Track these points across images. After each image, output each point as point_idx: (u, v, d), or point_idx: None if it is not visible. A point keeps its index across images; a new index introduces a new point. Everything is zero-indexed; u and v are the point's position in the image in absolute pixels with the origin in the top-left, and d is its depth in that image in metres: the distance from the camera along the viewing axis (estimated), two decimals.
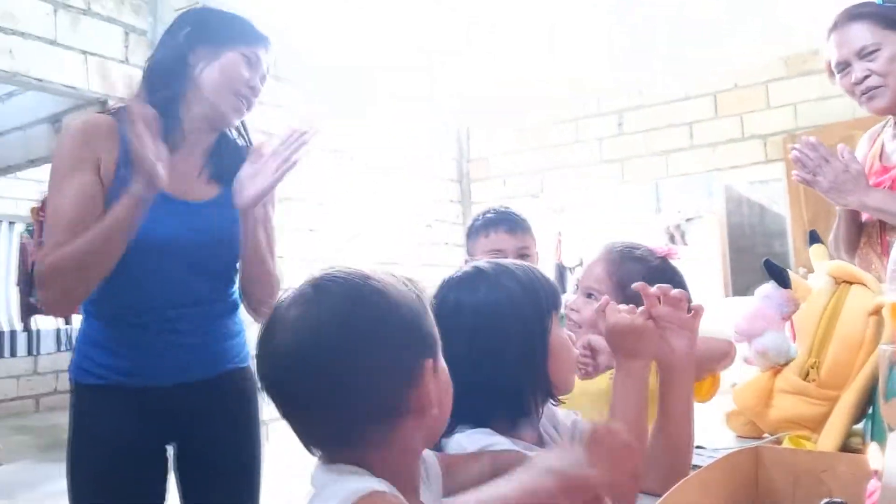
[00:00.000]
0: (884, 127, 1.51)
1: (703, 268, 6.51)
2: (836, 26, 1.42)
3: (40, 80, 3.33)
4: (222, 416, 1.25)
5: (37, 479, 3.74)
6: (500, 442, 0.81)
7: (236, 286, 1.34)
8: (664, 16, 4.31)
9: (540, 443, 0.90)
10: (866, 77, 1.38)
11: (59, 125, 3.87)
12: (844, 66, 1.41)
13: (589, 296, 1.21)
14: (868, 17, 1.37)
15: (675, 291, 0.86)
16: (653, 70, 5.19)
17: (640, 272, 1.19)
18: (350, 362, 0.60)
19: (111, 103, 3.59)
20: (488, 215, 1.79)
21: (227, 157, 1.33)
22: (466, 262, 1.87)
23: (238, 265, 1.30)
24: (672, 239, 6.89)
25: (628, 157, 5.40)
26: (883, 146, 1.49)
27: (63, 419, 5.35)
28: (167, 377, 1.20)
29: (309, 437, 0.65)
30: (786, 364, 1.03)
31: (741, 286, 6.29)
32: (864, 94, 1.40)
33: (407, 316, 0.64)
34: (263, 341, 0.64)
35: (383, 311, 0.62)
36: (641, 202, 7.00)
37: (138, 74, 3.87)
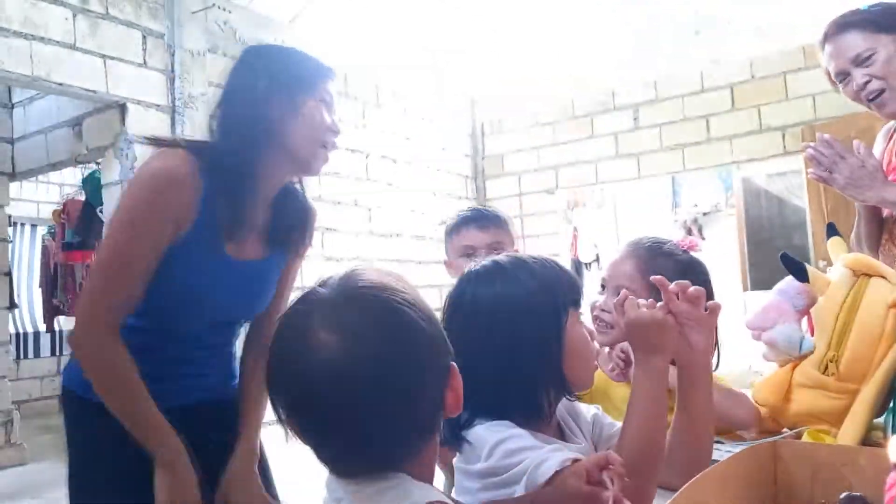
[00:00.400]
0: None
1: (721, 262, 6.47)
2: (827, 38, 1.42)
3: (60, 85, 3.38)
4: (225, 434, 1.23)
5: (62, 478, 3.81)
6: (519, 434, 0.81)
7: None
8: (679, 5, 4.28)
9: (560, 435, 0.90)
10: (867, 83, 1.38)
11: (80, 128, 3.93)
12: (844, 75, 1.42)
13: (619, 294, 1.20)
14: (857, 25, 1.38)
15: (693, 288, 0.86)
16: (668, 62, 5.15)
17: (672, 267, 1.19)
18: (400, 373, 0.60)
19: (129, 106, 3.64)
20: (460, 214, 1.80)
21: (288, 216, 1.29)
22: (444, 262, 1.85)
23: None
24: (689, 233, 6.84)
25: (644, 151, 5.37)
26: None
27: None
28: (174, 400, 1.18)
29: (354, 458, 0.62)
30: (803, 358, 1.03)
31: (759, 280, 6.24)
32: (870, 99, 1.40)
33: (434, 321, 0.65)
34: (299, 365, 0.60)
35: (420, 319, 0.63)
36: (658, 197, 6.95)
37: (156, 77, 3.90)
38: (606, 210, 7.13)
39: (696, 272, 1.18)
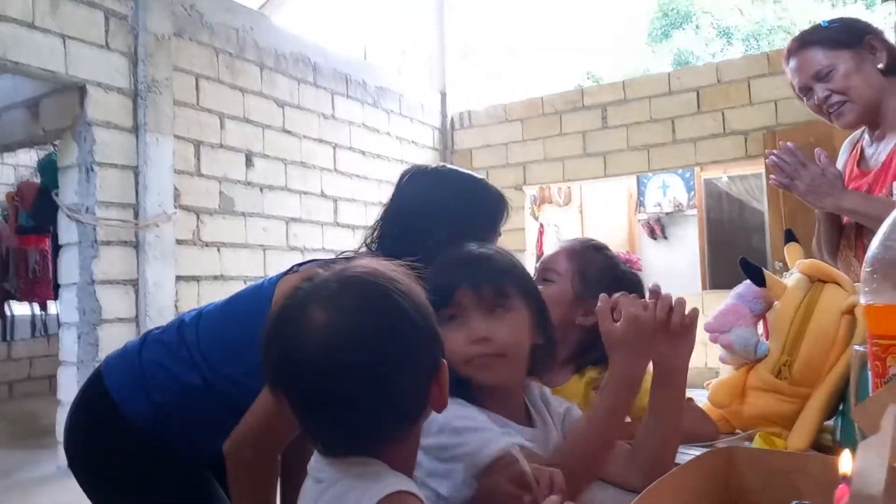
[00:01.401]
0: (862, 133, 1.54)
1: (682, 261, 6.60)
2: (790, 54, 1.48)
3: (17, 64, 3.26)
4: None
5: (11, 466, 3.70)
6: (469, 415, 0.81)
7: None
8: (649, 7, 4.33)
9: (528, 420, 0.90)
10: (828, 97, 1.43)
11: (37, 109, 3.80)
12: (806, 90, 1.48)
13: (545, 281, 1.17)
14: (818, 42, 1.44)
15: (678, 297, 0.84)
16: (637, 64, 5.22)
17: (602, 261, 1.20)
18: (383, 358, 0.62)
19: (89, 88, 3.54)
20: None
21: None
22: None
23: None
24: (652, 232, 6.95)
25: (610, 150, 5.43)
26: (862, 151, 1.52)
27: (36, 405, 5.27)
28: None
29: (336, 436, 0.65)
30: (758, 361, 1.05)
31: (719, 280, 6.37)
32: (830, 112, 1.46)
33: (427, 314, 0.66)
34: (293, 343, 0.62)
35: (411, 309, 0.64)
36: (623, 196, 7.04)
37: (119, 60, 3.80)
38: (573, 208, 7.20)
39: (627, 275, 1.19)
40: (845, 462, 0.51)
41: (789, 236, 1.18)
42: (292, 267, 1.21)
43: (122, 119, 3.69)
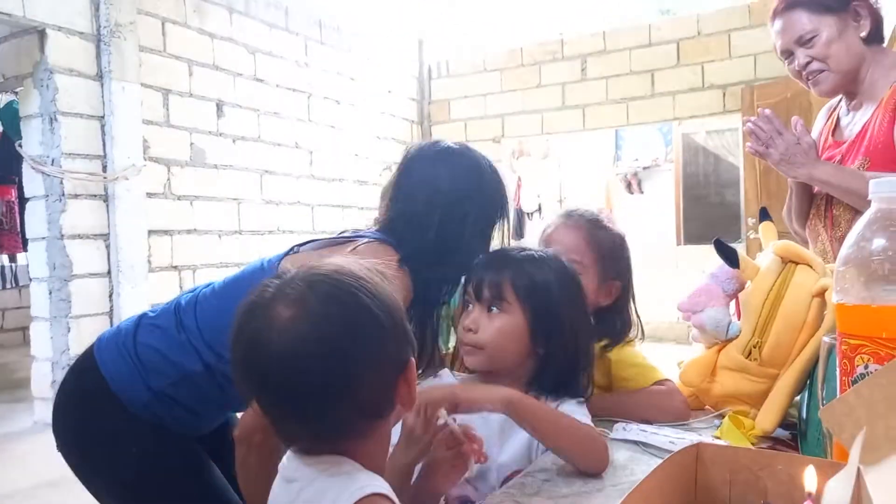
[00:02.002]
0: (839, 101, 1.53)
1: (658, 216, 6.64)
2: (776, 14, 1.46)
3: None
4: None
5: None
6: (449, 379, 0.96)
7: None
8: None
9: None
10: (808, 63, 1.42)
11: None
12: (788, 54, 1.46)
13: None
14: (804, 5, 1.41)
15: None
16: (617, 13, 5.12)
17: (613, 239, 1.24)
18: (344, 355, 0.62)
19: (49, 32, 3.38)
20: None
21: None
22: None
23: None
24: (629, 186, 6.97)
25: (589, 103, 5.38)
26: (837, 121, 1.52)
27: (9, 357, 5.22)
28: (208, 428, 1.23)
29: (303, 432, 0.65)
30: (729, 341, 1.07)
31: (693, 234, 6.45)
32: (808, 79, 1.44)
33: (395, 312, 0.66)
34: (258, 340, 0.63)
35: (376, 307, 0.64)
36: (601, 149, 7.02)
37: (80, 1, 3.60)
38: (550, 161, 7.17)
39: (625, 247, 1.26)
40: (810, 480, 0.52)
41: (764, 215, 1.19)
42: (292, 248, 1.19)
43: (86, 65, 3.54)
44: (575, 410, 0.95)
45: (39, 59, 3.40)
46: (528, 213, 6.91)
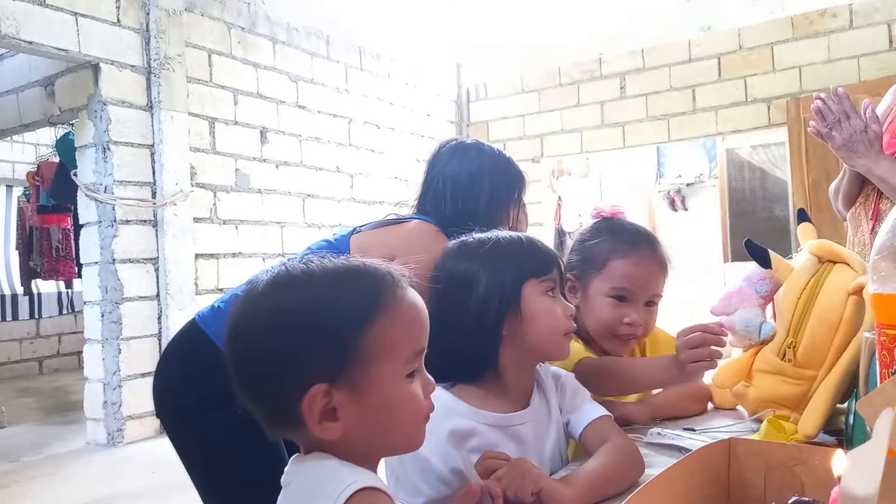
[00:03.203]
0: None
1: (703, 233, 6.50)
2: None
3: (30, 43, 3.27)
4: None
5: (41, 441, 3.81)
6: (459, 409, 0.89)
7: None
8: None
9: (524, 402, 0.95)
10: None
11: (52, 88, 3.82)
12: None
13: (653, 304, 1.24)
14: None
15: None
16: (656, 31, 5.09)
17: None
18: (266, 358, 0.62)
19: (103, 66, 3.54)
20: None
21: None
22: None
23: None
24: (672, 203, 6.85)
25: (629, 121, 5.33)
26: None
27: (65, 380, 5.41)
28: None
29: (263, 422, 0.65)
30: (764, 343, 1.03)
31: (740, 251, 6.27)
32: None
33: (340, 325, 0.62)
34: (236, 324, 0.65)
35: (317, 312, 0.62)
36: (642, 167, 6.93)
37: (131, 36, 3.79)
38: (591, 179, 7.11)
39: None
40: (839, 463, 0.50)
41: (802, 216, 1.15)
42: (355, 228, 1.48)
43: (136, 97, 3.70)
44: (593, 409, 0.96)
45: (93, 92, 3.57)
46: (569, 233, 6.85)
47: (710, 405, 1.24)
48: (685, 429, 1.07)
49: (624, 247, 1.22)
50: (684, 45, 5.13)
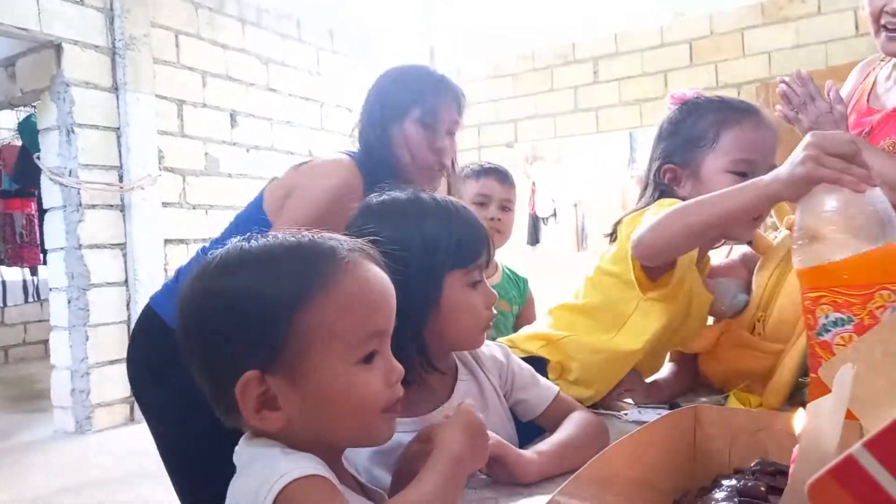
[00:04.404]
0: (882, 63, 1.44)
1: None
2: None
3: None
4: None
5: (7, 429, 3.74)
6: None
7: None
8: None
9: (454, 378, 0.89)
10: (894, 13, 1.29)
11: (13, 69, 3.71)
12: None
13: None
14: None
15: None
16: (629, 15, 5.10)
17: None
18: (204, 340, 0.61)
19: (65, 46, 3.44)
20: (480, 164, 1.88)
21: None
22: None
23: None
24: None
25: (602, 106, 5.36)
26: (874, 85, 1.43)
27: (32, 369, 5.30)
28: None
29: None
30: (735, 314, 1.04)
31: None
32: (885, 27, 1.32)
33: (260, 320, 0.58)
34: (179, 308, 0.63)
35: (241, 301, 0.59)
36: (615, 152, 6.97)
37: (94, 16, 3.69)
38: (565, 165, 7.13)
39: None
40: (799, 422, 0.50)
41: None
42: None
43: (101, 78, 3.61)
44: (548, 387, 0.93)
45: (56, 73, 3.47)
46: (543, 219, 6.87)
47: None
48: (671, 405, 1.06)
49: (736, 114, 1.08)
50: (657, 30, 5.16)
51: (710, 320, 1.13)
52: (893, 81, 1.42)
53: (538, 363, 1.02)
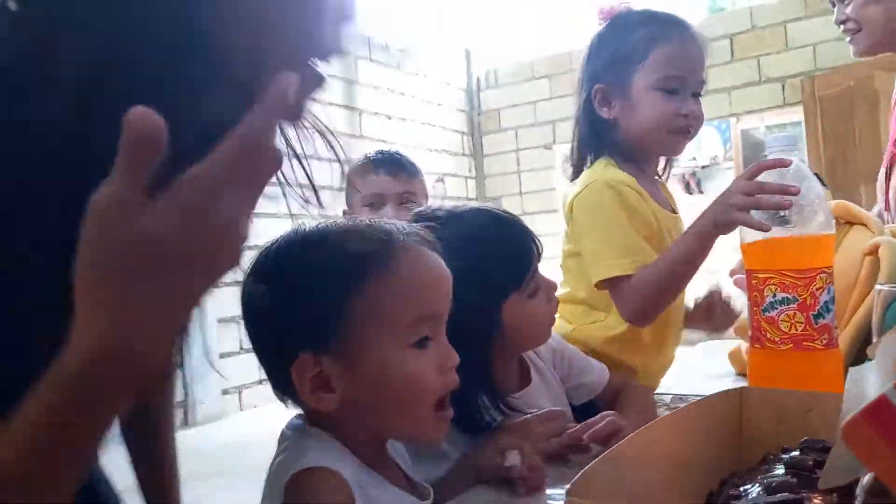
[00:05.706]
0: None
1: None
2: None
3: None
4: None
5: None
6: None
7: None
8: None
9: (526, 379, 0.88)
10: (844, 21, 1.39)
11: None
12: (833, 4, 1.44)
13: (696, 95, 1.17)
14: None
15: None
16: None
17: None
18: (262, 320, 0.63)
19: None
20: (367, 156, 1.59)
21: None
22: (344, 212, 1.53)
23: None
24: (687, 186, 6.80)
25: None
26: None
27: None
28: None
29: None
30: None
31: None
32: (848, 38, 1.42)
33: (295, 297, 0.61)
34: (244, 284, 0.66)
35: (290, 281, 0.61)
36: None
37: None
38: None
39: None
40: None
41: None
42: None
43: None
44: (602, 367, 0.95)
45: None
46: None
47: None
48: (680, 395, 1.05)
49: (665, 29, 1.07)
50: (695, 26, 5.08)
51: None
52: None
53: None
